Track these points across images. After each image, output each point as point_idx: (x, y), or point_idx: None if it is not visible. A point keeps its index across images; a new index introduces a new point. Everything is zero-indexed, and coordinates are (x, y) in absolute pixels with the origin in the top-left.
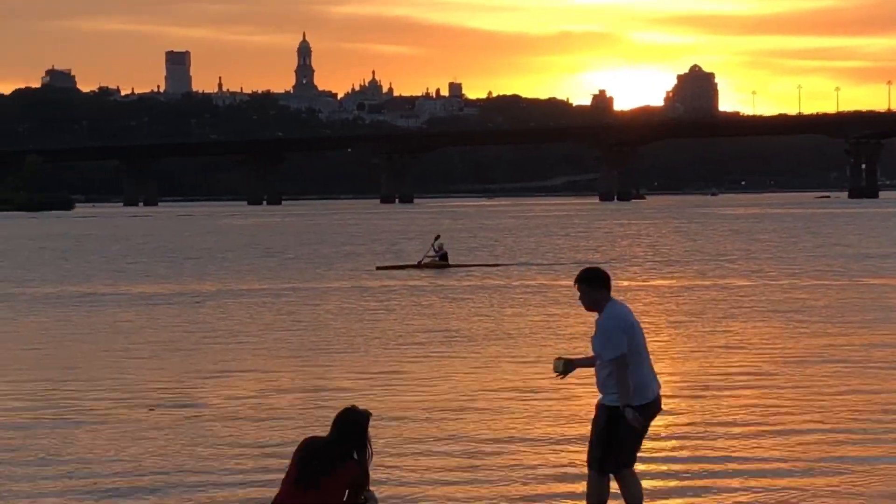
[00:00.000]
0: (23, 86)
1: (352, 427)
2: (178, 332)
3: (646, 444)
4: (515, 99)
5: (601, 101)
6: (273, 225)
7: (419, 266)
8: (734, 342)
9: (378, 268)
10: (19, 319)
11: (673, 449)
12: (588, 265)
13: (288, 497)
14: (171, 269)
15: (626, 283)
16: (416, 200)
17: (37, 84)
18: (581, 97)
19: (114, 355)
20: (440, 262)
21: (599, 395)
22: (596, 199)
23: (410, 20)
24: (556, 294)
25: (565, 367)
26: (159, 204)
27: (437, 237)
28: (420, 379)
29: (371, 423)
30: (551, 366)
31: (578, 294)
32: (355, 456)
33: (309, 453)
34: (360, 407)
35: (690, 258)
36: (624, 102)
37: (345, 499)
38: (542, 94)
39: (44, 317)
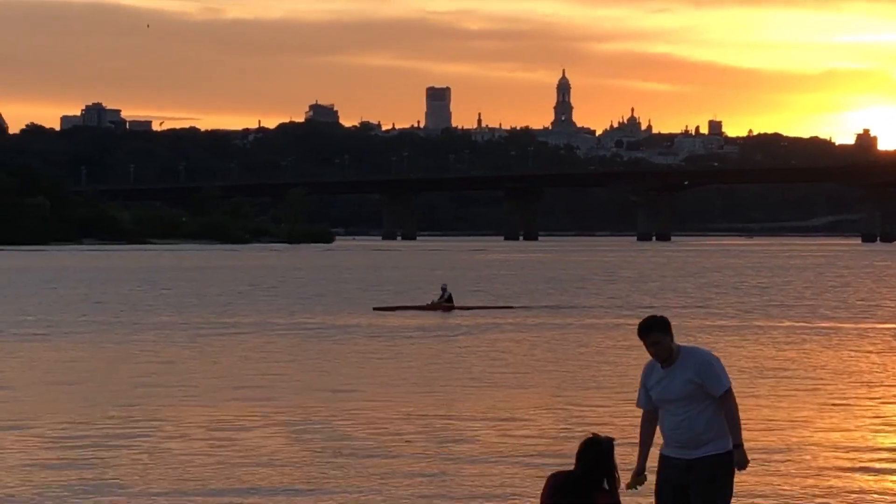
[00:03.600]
0: (287, 120)
1: (598, 457)
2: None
3: None
4: (776, 137)
5: (865, 139)
6: (516, 261)
7: (427, 308)
8: None
9: (375, 308)
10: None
11: None
12: (648, 314)
13: None
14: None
15: None
16: (673, 238)
17: (301, 118)
18: (844, 136)
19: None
20: (447, 303)
21: (674, 450)
22: (858, 240)
23: (671, 57)
24: None
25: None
26: (417, 238)
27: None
28: None
29: None
30: (627, 488)
31: (651, 347)
32: (605, 486)
33: (560, 489)
34: (602, 434)
35: None
36: (889, 142)
37: None
38: (804, 133)
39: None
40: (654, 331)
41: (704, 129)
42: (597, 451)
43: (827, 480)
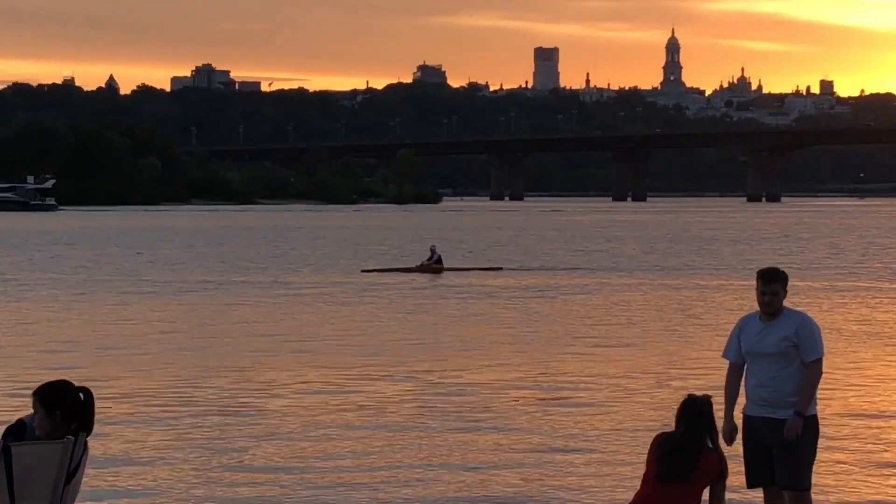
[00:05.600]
0: (395, 80)
1: (698, 415)
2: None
3: None
4: (889, 97)
5: None
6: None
7: (416, 270)
8: None
9: (363, 271)
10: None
11: None
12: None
13: (654, 493)
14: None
15: None
16: (783, 199)
17: (409, 79)
18: None
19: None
20: (435, 265)
21: (758, 408)
22: None
23: (781, 16)
24: None
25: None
26: (525, 199)
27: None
28: None
29: None
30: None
31: (767, 296)
32: (709, 444)
33: (670, 448)
34: (698, 393)
35: None
36: None
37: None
38: None
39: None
40: (776, 281)
41: (816, 89)
42: (696, 410)
43: None
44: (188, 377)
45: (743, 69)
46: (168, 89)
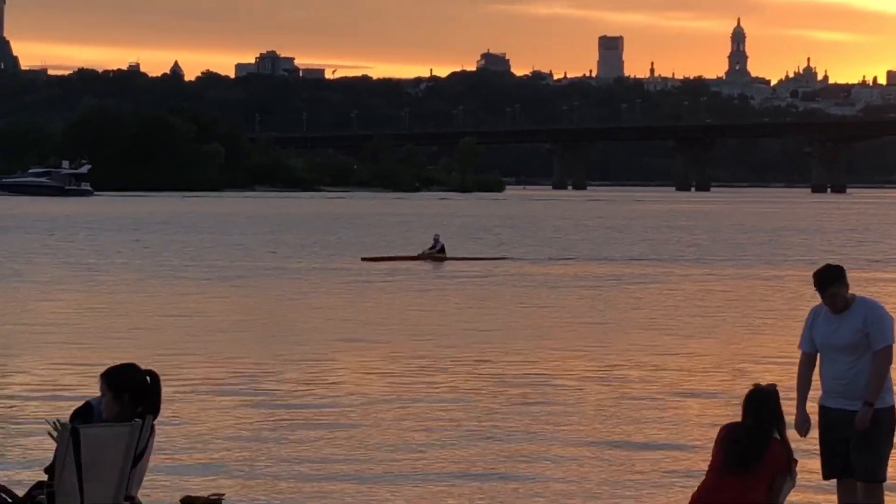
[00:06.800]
0: (459, 69)
1: (764, 406)
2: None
3: None
4: None
5: None
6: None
7: (418, 258)
8: None
9: (364, 259)
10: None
11: None
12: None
13: (720, 484)
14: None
15: None
16: (848, 190)
17: (472, 67)
18: None
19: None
20: (438, 254)
21: (835, 400)
22: None
23: (848, 6)
24: None
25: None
26: (587, 188)
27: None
28: None
29: None
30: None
31: (828, 300)
32: (776, 435)
33: (736, 439)
34: (764, 383)
35: None
36: None
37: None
38: None
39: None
40: (832, 285)
41: (882, 80)
42: (762, 400)
43: None
44: (255, 361)
45: (809, 59)
46: (232, 76)
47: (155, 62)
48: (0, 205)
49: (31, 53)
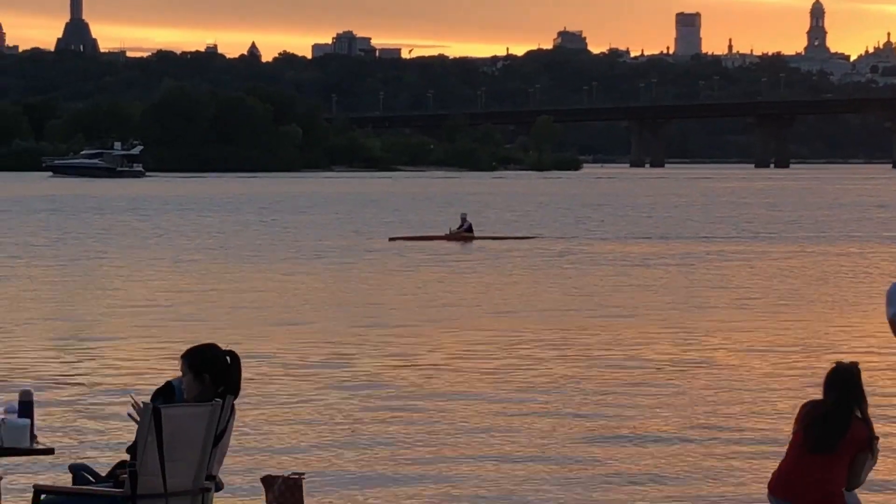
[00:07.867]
0: (535, 47)
1: (847, 384)
2: None
3: None
4: None
5: None
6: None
7: (445, 238)
8: None
9: (391, 238)
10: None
11: None
12: None
13: (800, 463)
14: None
15: None
16: None
17: (549, 45)
18: None
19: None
20: (465, 233)
21: None
22: None
23: None
24: None
25: None
26: (665, 166)
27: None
28: None
29: None
30: None
31: None
32: (858, 414)
33: (817, 418)
34: (846, 361)
35: None
36: None
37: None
38: None
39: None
40: None
41: None
42: (844, 378)
43: None
44: (338, 341)
45: (889, 34)
46: (309, 56)
47: (232, 43)
48: (58, 186)
49: (109, 36)
